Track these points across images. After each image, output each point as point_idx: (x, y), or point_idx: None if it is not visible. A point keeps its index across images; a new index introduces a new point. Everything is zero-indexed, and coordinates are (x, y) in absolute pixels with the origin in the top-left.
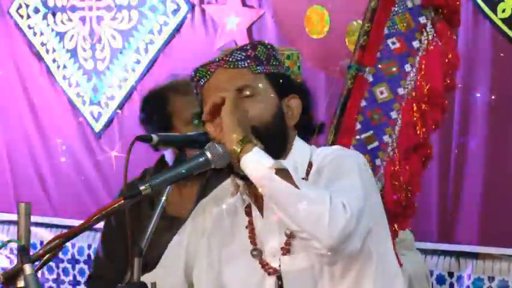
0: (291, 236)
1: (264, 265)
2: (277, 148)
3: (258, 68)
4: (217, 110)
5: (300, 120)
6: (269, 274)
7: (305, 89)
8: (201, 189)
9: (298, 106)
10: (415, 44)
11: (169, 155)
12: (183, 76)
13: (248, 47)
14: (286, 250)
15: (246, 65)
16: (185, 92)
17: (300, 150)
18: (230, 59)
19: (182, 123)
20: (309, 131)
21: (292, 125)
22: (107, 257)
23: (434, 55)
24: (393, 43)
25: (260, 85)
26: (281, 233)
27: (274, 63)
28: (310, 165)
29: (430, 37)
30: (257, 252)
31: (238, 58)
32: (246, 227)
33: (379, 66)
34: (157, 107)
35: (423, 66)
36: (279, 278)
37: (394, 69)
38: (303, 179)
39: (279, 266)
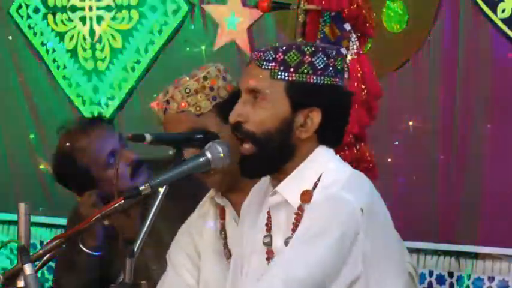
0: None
1: (269, 258)
2: (275, 158)
3: (280, 73)
4: None
5: (322, 132)
6: None
7: (335, 101)
8: (143, 209)
9: (315, 120)
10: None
11: None
12: (74, 124)
13: (281, 49)
14: None
15: (269, 67)
16: (86, 143)
17: (313, 163)
18: (262, 56)
19: (101, 170)
20: (332, 142)
21: (304, 138)
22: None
23: (366, 59)
24: None
25: (273, 92)
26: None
27: (305, 70)
28: (319, 179)
29: (358, 42)
30: (268, 240)
31: (267, 58)
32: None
33: None
34: (70, 172)
35: (358, 70)
36: None
37: None
38: (307, 191)
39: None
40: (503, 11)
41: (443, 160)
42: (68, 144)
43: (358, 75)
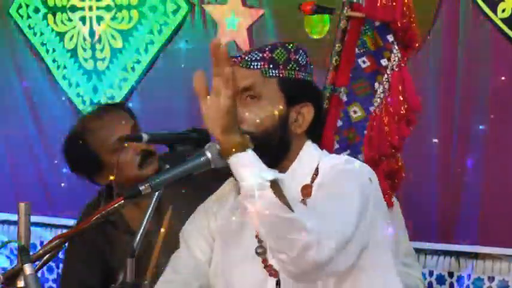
0: None
1: (267, 265)
2: (271, 155)
3: (270, 71)
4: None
5: (311, 126)
6: (270, 275)
7: (318, 96)
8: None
9: (309, 114)
10: (383, 62)
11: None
12: (91, 108)
13: (267, 48)
14: None
15: (259, 66)
16: (98, 126)
17: (307, 157)
18: (246, 58)
19: (109, 154)
20: (317, 137)
21: (299, 133)
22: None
23: (407, 71)
24: (364, 62)
25: (267, 90)
26: None
27: (292, 67)
28: (316, 171)
29: (400, 54)
30: (262, 250)
31: (253, 58)
32: None
33: (352, 86)
34: (79, 153)
35: (401, 83)
36: (278, 283)
37: (366, 88)
38: (307, 185)
39: (279, 269)
40: (503, 11)
41: (443, 160)
42: (80, 125)
43: (400, 88)
